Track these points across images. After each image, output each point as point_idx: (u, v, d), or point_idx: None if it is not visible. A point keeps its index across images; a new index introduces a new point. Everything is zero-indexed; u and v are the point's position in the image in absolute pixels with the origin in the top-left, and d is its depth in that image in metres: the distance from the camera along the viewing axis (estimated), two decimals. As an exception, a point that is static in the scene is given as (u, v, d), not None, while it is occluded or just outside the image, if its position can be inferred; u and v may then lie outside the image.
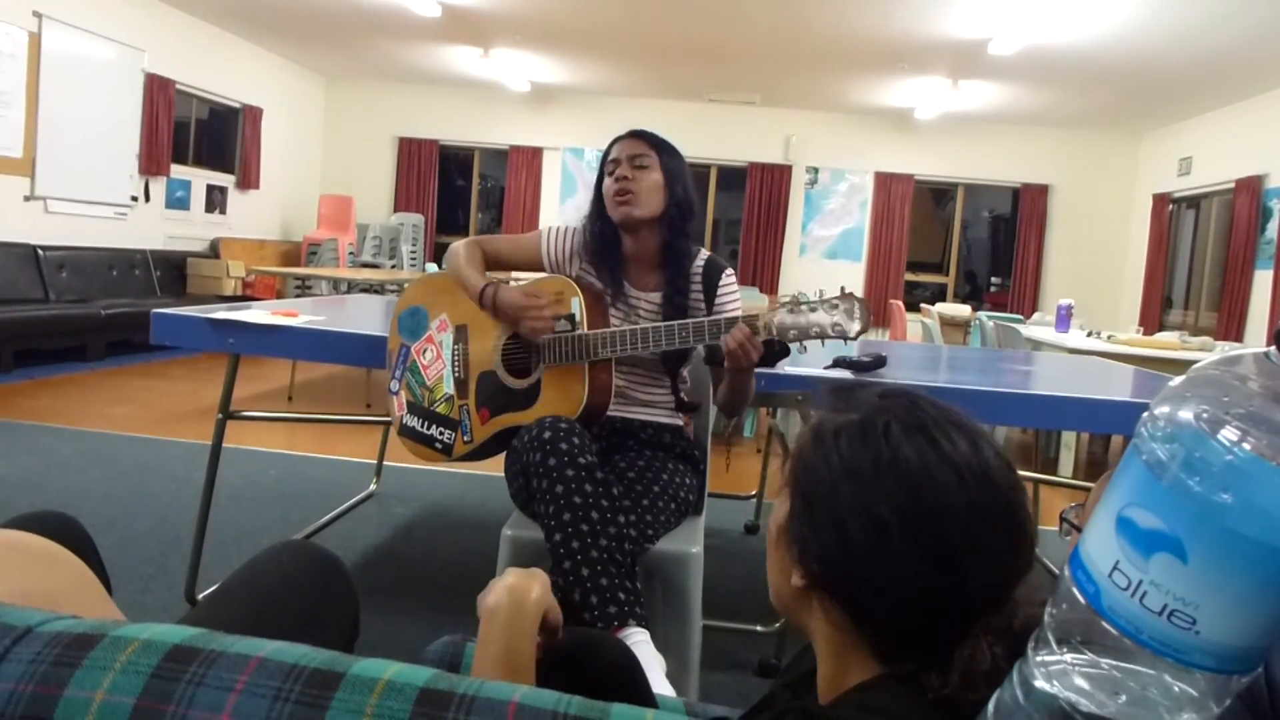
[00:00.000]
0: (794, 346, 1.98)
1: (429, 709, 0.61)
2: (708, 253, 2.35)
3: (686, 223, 2.27)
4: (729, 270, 2.33)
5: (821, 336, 1.91)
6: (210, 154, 10.13)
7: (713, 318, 2.05)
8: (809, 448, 0.86)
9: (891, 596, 0.78)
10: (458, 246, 2.35)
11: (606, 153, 2.29)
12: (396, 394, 2.39)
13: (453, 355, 2.32)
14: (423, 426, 2.34)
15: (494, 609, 1.03)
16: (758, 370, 2.15)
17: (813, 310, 1.92)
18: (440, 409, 2.31)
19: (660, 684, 1.64)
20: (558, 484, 1.85)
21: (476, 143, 12.17)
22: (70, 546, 1.13)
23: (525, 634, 1.02)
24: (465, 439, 2.27)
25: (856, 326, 1.89)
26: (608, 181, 2.24)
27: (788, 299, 1.95)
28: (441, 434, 2.30)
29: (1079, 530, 1.14)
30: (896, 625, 0.80)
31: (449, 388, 2.31)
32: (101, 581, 1.23)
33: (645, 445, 2.23)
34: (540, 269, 2.37)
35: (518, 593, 1.05)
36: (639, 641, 1.72)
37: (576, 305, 2.16)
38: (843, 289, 1.94)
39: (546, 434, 1.91)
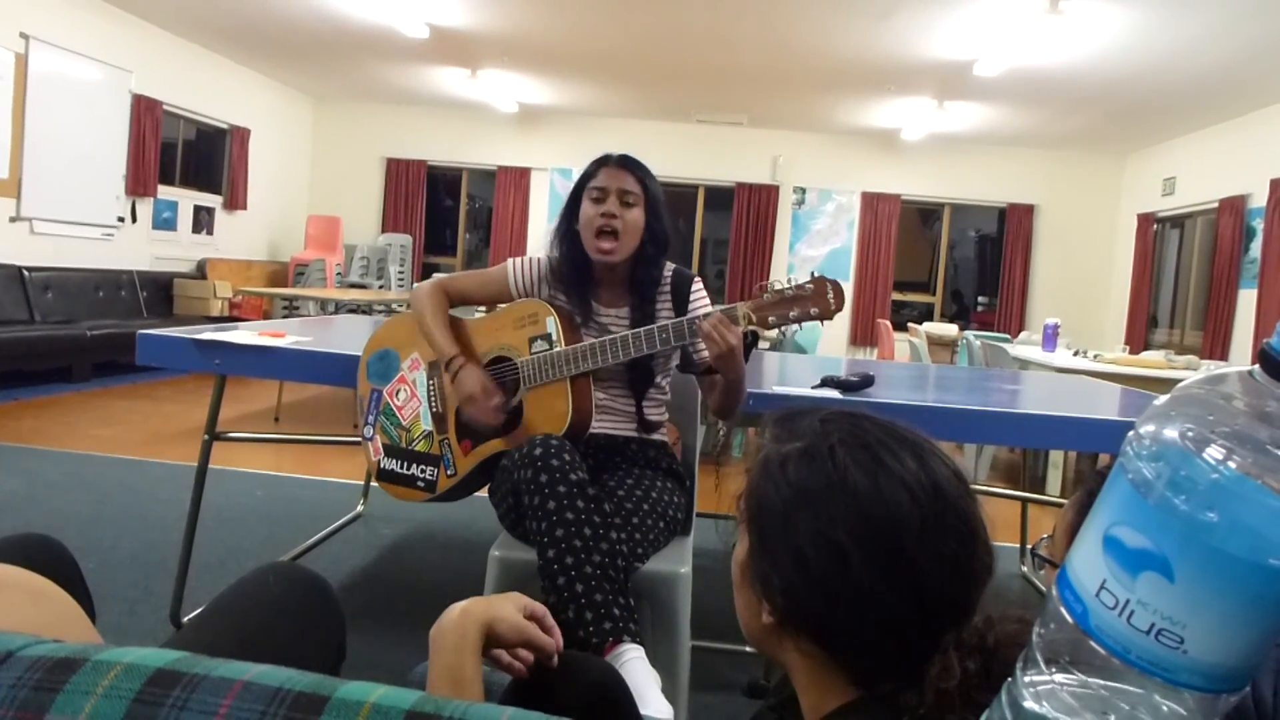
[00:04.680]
0: (773, 333, 1.99)
1: (415, 732, 0.60)
2: (673, 265, 2.35)
3: (661, 256, 2.29)
4: (697, 279, 2.34)
5: (799, 320, 1.93)
6: (197, 175, 10.12)
7: (690, 316, 2.06)
8: (759, 481, 0.87)
9: (858, 619, 0.79)
10: (423, 293, 2.34)
11: (590, 174, 2.26)
12: (371, 439, 2.38)
13: (428, 391, 2.31)
14: (402, 467, 2.32)
15: (435, 634, 1.05)
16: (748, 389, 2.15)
17: (788, 296, 1.94)
18: (419, 447, 2.30)
19: (657, 701, 1.63)
20: (549, 500, 1.84)
21: (464, 163, 12.19)
22: (54, 570, 1.11)
23: (465, 651, 1.02)
24: (449, 473, 2.25)
25: (831, 307, 1.92)
26: (589, 207, 2.22)
27: (765, 291, 1.96)
28: (423, 471, 2.29)
29: (1051, 564, 1.14)
30: (866, 647, 0.80)
31: (426, 424, 2.30)
32: (86, 605, 1.22)
33: (633, 462, 2.22)
34: (507, 301, 2.35)
35: (454, 613, 1.06)
36: (634, 658, 1.71)
37: (552, 324, 2.16)
38: (813, 273, 1.96)
39: (537, 451, 1.90)
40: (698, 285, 2.33)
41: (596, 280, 2.30)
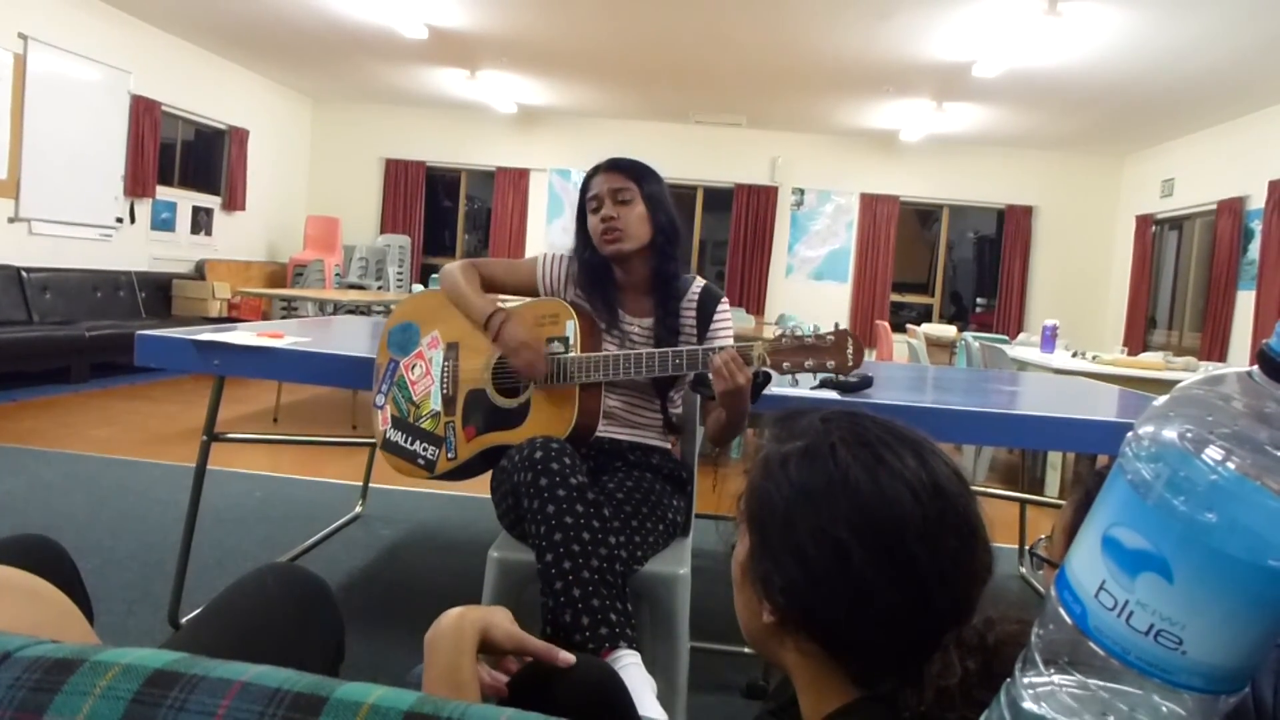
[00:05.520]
0: (786, 379, 1.98)
1: (414, 733, 0.60)
2: (703, 281, 2.35)
3: (674, 247, 2.29)
4: (724, 300, 2.34)
5: (814, 370, 1.93)
6: (196, 175, 10.12)
7: (705, 346, 2.06)
8: (759, 480, 0.87)
9: (858, 617, 0.79)
10: (454, 267, 2.35)
11: (586, 186, 2.27)
12: (381, 408, 2.38)
13: (442, 372, 2.32)
14: (406, 442, 2.33)
15: (431, 637, 1.05)
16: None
17: (805, 345, 1.93)
18: (425, 425, 2.31)
19: (651, 707, 1.63)
20: (549, 504, 1.84)
21: (463, 164, 12.19)
22: (53, 570, 1.11)
23: (462, 653, 1.03)
24: (449, 456, 2.26)
25: (849, 364, 1.91)
26: (591, 219, 2.24)
27: (784, 335, 1.96)
28: (425, 450, 2.30)
29: (1050, 564, 1.14)
30: (867, 646, 0.80)
31: (436, 404, 2.30)
32: (84, 605, 1.22)
33: (633, 466, 2.22)
34: (534, 294, 2.37)
35: (450, 616, 1.06)
36: (630, 664, 1.71)
37: (571, 328, 2.17)
38: (836, 325, 1.96)
39: (538, 454, 1.90)
40: (724, 306, 2.32)
41: (619, 284, 2.31)
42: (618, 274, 2.30)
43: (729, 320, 2.33)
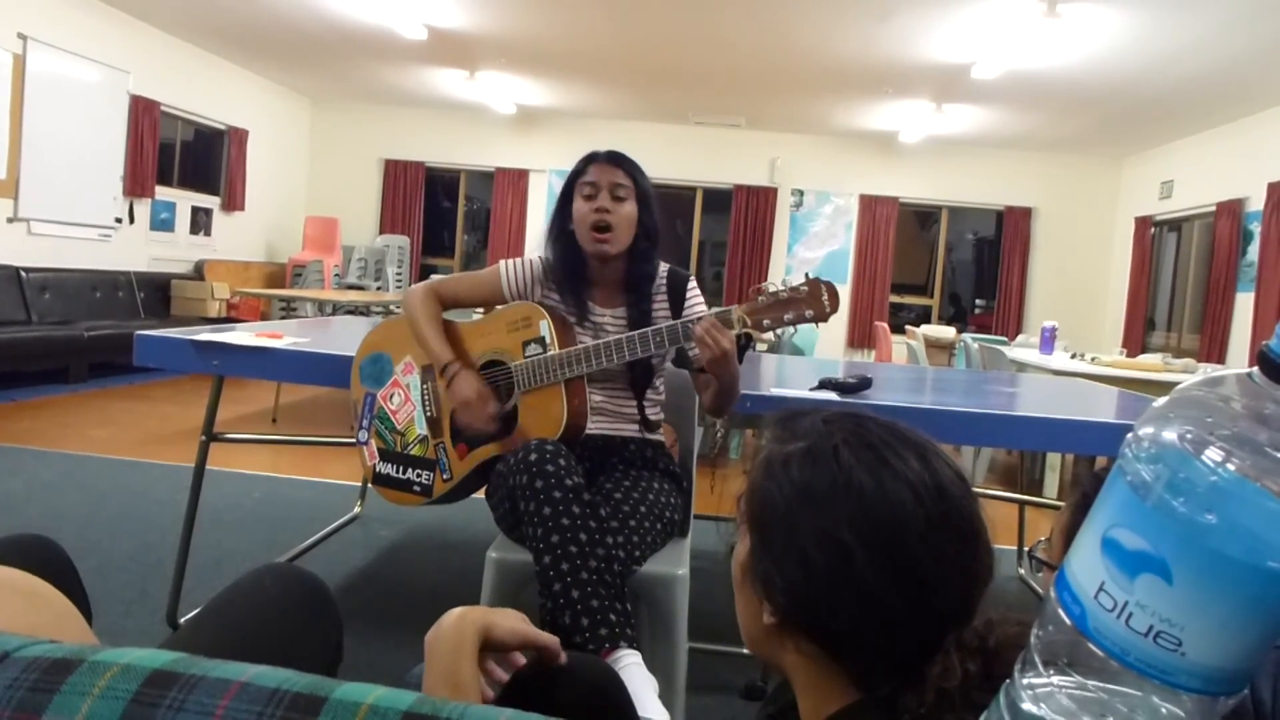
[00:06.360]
0: (768, 335, 2.00)
1: (413, 734, 0.60)
2: (668, 265, 2.37)
3: (654, 250, 2.30)
4: (692, 278, 2.36)
5: (794, 323, 1.94)
6: (195, 176, 10.11)
7: (684, 320, 2.06)
8: (761, 481, 0.86)
9: (860, 619, 0.78)
10: (414, 298, 2.32)
11: (580, 171, 2.26)
12: (366, 444, 2.37)
13: (422, 395, 2.30)
14: (398, 472, 2.32)
15: (432, 638, 1.05)
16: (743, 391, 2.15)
17: (782, 299, 1.94)
18: (415, 451, 2.30)
19: (653, 707, 1.63)
20: (545, 506, 1.84)
21: (463, 165, 12.19)
22: (51, 570, 1.11)
23: (462, 654, 1.03)
24: (445, 477, 2.25)
25: (826, 310, 1.92)
26: (582, 204, 2.23)
27: (760, 294, 1.97)
28: (419, 476, 2.29)
29: (1049, 566, 1.14)
30: (868, 648, 0.79)
31: (421, 428, 2.29)
32: (82, 605, 1.22)
33: (630, 464, 2.22)
34: (501, 303, 2.36)
35: (451, 617, 1.06)
36: (630, 664, 1.71)
37: (545, 327, 2.16)
38: (807, 275, 1.97)
39: (533, 456, 1.90)
40: (693, 285, 2.35)
41: (592, 279, 2.31)
42: (593, 268, 2.30)
43: (699, 296, 2.35)
